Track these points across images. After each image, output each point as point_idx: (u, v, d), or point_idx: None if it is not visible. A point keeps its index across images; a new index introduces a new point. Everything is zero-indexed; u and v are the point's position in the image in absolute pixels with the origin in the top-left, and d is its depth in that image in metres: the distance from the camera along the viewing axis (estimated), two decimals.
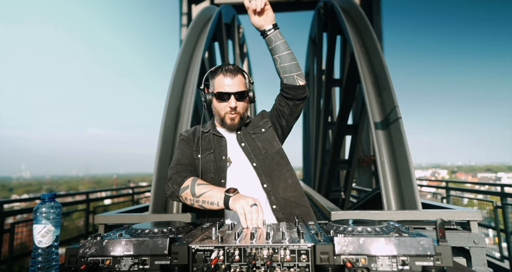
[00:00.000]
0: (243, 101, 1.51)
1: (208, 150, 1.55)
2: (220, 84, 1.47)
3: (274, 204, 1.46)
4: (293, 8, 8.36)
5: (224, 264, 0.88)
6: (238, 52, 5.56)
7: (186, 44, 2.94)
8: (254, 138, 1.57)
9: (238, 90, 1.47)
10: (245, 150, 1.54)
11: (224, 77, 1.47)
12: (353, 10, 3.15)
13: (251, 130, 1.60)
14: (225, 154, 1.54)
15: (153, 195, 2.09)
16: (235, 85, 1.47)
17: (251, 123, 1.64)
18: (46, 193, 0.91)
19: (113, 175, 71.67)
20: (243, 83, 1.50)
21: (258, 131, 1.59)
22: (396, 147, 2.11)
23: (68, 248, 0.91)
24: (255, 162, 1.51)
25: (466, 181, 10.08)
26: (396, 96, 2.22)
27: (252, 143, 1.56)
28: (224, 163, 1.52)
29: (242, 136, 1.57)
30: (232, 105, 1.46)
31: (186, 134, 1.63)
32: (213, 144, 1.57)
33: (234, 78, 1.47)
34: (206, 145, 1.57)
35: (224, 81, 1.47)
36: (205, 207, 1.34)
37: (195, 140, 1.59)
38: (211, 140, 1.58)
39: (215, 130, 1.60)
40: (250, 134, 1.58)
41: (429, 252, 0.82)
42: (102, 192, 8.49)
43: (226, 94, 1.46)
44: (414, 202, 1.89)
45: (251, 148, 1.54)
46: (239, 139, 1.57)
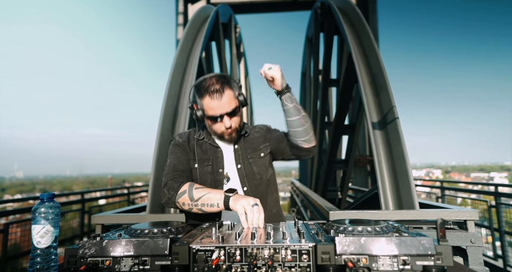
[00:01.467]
0: (237, 116, 1.46)
1: (206, 161, 1.52)
2: (210, 107, 1.40)
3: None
4: (289, 8, 8.36)
5: (225, 264, 0.88)
6: (235, 51, 5.55)
7: (184, 43, 2.93)
8: (251, 163, 1.54)
9: (229, 109, 1.41)
10: (240, 172, 1.52)
11: (212, 99, 1.39)
12: (350, 10, 3.16)
13: (250, 151, 1.56)
14: (222, 167, 1.52)
15: (151, 195, 2.07)
16: (225, 105, 1.40)
17: (251, 140, 1.59)
18: (44, 193, 0.90)
19: (108, 175, 71.24)
20: (232, 98, 1.42)
21: (256, 156, 1.55)
22: (394, 147, 2.12)
23: (67, 248, 0.90)
24: (247, 186, 1.50)
25: (460, 181, 10.18)
26: (394, 96, 2.24)
27: (248, 166, 1.53)
28: (221, 177, 1.51)
29: (240, 155, 1.54)
30: (227, 125, 1.42)
31: (181, 140, 1.58)
32: (210, 154, 1.54)
33: (222, 98, 1.39)
34: (203, 155, 1.54)
35: (213, 103, 1.39)
36: (204, 210, 1.32)
37: (190, 147, 1.55)
38: (208, 150, 1.55)
39: (211, 139, 1.56)
40: (247, 157, 1.54)
41: (430, 251, 0.83)
42: (97, 192, 8.43)
43: (218, 117, 1.41)
44: (411, 201, 1.90)
45: (246, 171, 1.52)
46: (236, 158, 1.54)
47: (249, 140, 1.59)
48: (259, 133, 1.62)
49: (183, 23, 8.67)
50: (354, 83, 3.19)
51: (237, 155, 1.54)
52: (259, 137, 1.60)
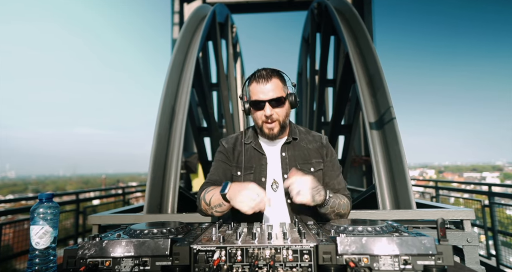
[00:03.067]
0: (280, 107, 1.38)
1: (249, 169, 1.45)
2: (254, 91, 1.37)
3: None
4: (286, 8, 8.37)
5: (226, 264, 0.87)
6: (231, 51, 5.54)
7: (181, 42, 2.91)
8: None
9: (273, 96, 1.35)
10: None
11: (257, 84, 1.36)
12: (347, 11, 3.18)
13: (300, 162, 1.45)
14: (265, 176, 1.43)
15: (148, 195, 2.06)
16: (270, 91, 1.34)
17: (302, 149, 1.48)
18: (43, 193, 0.89)
19: (102, 175, 70.70)
20: (279, 87, 1.37)
21: (306, 169, 1.44)
22: (391, 147, 2.13)
23: (67, 249, 0.89)
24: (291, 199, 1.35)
25: (454, 181, 10.30)
26: (391, 96, 2.25)
27: None
28: (262, 186, 1.41)
29: (288, 164, 1.43)
30: (268, 113, 1.35)
31: (226, 146, 1.52)
32: (254, 162, 1.46)
33: (268, 84, 1.35)
34: (247, 162, 1.46)
35: (257, 88, 1.36)
36: (219, 211, 1.28)
37: (235, 154, 1.49)
38: (252, 157, 1.47)
39: (257, 143, 1.49)
40: (297, 167, 1.42)
41: (430, 251, 0.83)
42: (92, 192, 8.35)
43: (260, 102, 1.36)
44: (408, 201, 1.91)
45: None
46: (283, 166, 1.44)
47: (299, 148, 1.48)
48: (312, 145, 1.50)
49: (179, 22, 8.64)
50: (351, 83, 3.20)
51: (284, 163, 1.44)
52: (312, 149, 1.49)
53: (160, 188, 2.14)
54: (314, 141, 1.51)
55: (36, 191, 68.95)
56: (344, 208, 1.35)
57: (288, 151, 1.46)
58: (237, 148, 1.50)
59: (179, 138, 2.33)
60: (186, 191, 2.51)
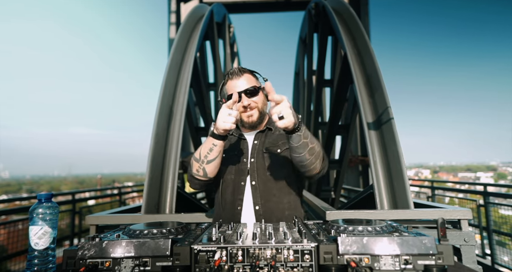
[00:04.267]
0: (256, 96, 1.48)
1: (232, 151, 1.54)
2: (230, 87, 1.48)
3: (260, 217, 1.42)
4: (283, 8, 8.38)
5: (227, 264, 0.87)
6: (228, 51, 5.53)
7: (178, 42, 2.90)
8: (265, 157, 1.51)
9: (247, 86, 1.45)
10: (251, 166, 1.50)
11: (231, 80, 1.48)
12: (345, 11, 3.18)
13: (268, 146, 1.52)
14: (247, 157, 1.51)
15: (146, 195, 2.05)
16: (243, 83, 1.46)
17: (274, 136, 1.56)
18: (42, 193, 0.88)
19: (97, 175, 70.19)
20: (252, 80, 1.49)
21: (272, 151, 1.51)
22: (389, 147, 2.14)
23: (66, 249, 0.89)
24: (255, 181, 1.47)
25: (449, 181, 10.39)
26: (388, 97, 2.26)
27: (261, 161, 1.50)
28: (244, 166, 1.50)
29: (256, 149, 1.53)
30: (245, 103, 1.44)
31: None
32: (236, 147, 1.56)
33: (240, 78, 1.47)
34: (229, 147, 1.56)
35: (231, 83, 1.47)
36: (210, 159, 1.37)
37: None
38: (234, 142, 1.58)
39: (239, 133, 1.59)
40: (262, 151, 1.51)
41: (431, 251, 0.83)
42: (87, 192, 8.29)
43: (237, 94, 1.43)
44: (406, 201, 1.92)
45: (257, 165, 1.50)
46: (252, 151, 1.53)
47: (271, 136, 1.57)
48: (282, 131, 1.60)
49: (175, 22, 8.61)
50: (349, 83, 3.21)
51: (254, 148, 1.54)
52: (282, 134, 1.55)
53: (158, 188, 2.13)
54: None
55: (30, 191, 68.35)
56: (314, 142, 1.36)
57: (260, 139, 1.56)
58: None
59: (177, 138, 2.32)
60: (184, 191, 2.50)
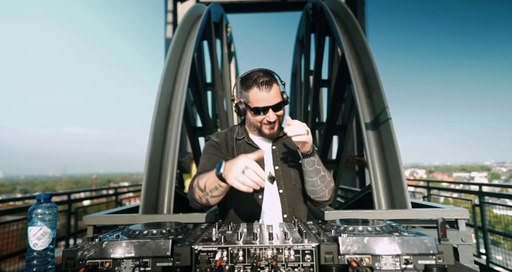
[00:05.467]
0: (281, 110, 1.44)
1: None
2: (256, 98, 1.38)
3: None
4: (280, 9, 8.37)
5: (228, 265, 0.87)
6: (226, 51, 5.52)
7: (176, 42, 2.89)
8: (289, 166, 1.49)
9: (275, 102, 1.39)
10: (277, 174, 1.48)
11: (260, 90, 1.37)
12: (343, 12, 3.19)
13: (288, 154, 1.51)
14: (263, 167, 1.45)
15: (144, 195, 2.04)
16: (272, 98, 1.38)
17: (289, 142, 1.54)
18: (41, 193, 0.87)
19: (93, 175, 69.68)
20: (279, 92, 1.42)
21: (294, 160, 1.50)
22: (386, 147, 2.14)
23: (65, 250, 0.88)
24: (283, 189, 1.46)
25: (444, 181, 10.48)
26: (386, 97, 2.27)
27: (286, 169, 1.49)
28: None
29: (278, 156, 1.50)
30: (272, 119, 1.40)
31: (218, 140, 1.53)
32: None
33: (271, 91, 1.38)
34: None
35: (259, 95, 1.38)
36: (215, 195, 1.24)
37: (228, 149, 1.51)
38: (246, 151, 1.47)
39: (249, 139, 1.53)
40: (287, 159, 1.49)
41: (431, 251, 0.84)
42: (82, 192, 8.23)
43: (264, 108, 1.39)
44: (404, 201, 1.93)
45: (283, 174, 1.48)
46: (274, 158, 1.50)
47: (287, 142, 1.55)
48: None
49: (172, 21, 8.58)
50: (346, 84, 3.21)
51: (275, 156, 1.51)
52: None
53: (155, 188, 2.12)
54: None
55: (24, 191, 67.72)
56: (326, 171, 1.40)
57: (278, 145, 1.54)
58: (229, 143, 1.53)
59: (175, 137, 2.31)
60: (181, 191, 2.50)
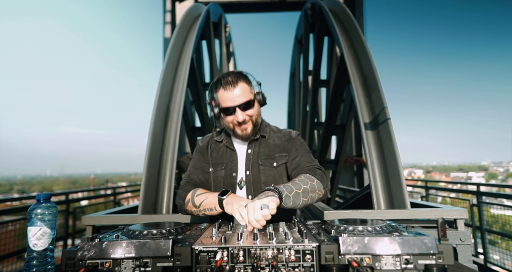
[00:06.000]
0: (251, 109, 1.43)
1: (220, 165, 1.51)
2: (223, 98, 1.40)
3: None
4: (279, 9, 8.37)
5: (228, 265, 0.87)
6: (224, 51, 5.52)
7: (175, 41, 2.88)
8: (261, 170, 1.48)
9: (242, 101, 1.39)
10: (247, 179, 1.48)
11: (225, 90, 1.39)
12: (341, 12, 3.19)
13: (263, 158, 1.50)
14: (236, 171, 1.49)
15: (143, 195, 2.03)
16: (238, 96, 1.38)
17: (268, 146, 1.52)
18: (41, 193, 0.87)
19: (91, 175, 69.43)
20: (247, 90, 1.41)
21: (268, 164, 1.49)
22: (385, 147, 2.15)
23: (65, 250, 0.87)
24: (252, 195, 1.47)
25: (442, 181, 10.50)
26: (385, 97, 2.27)
27: (256, 174, 1.48)
28: (233, 180, 1.48)
29: (251, 161, 1.49)
30: (240, 118, 1.40)
31: (201, 144, 1.59)
32: (225, 158, 1.52)
33: (235, 89, 1.38)
34: (218, 158, 1.53)
35: (225, 95, 1.39)
36: (208, 214, 1.32)
37: (209, 152, 1.54)
38: (224, 153, 1.53)
39: (228, 141, 1.55)
40: (258, 164, 1.49)
41: (432, 250, 0.84)
42: (80, 192, 8.19)
43: (230, 108, 1.40)
44: (402, 201, 1.94)
45: (253, 179, 1.48)
46: (247, 163, 1.50)
47: (266, 145, 1.54)
48: (280, 140, 1.56)
49: (170, 21, 8.56)
50: (345, 84, 3.22)
51: (248, 160, 1.50)
52: (279, 145, 1.54)
53: (155, 188, 2.12)
54: (283, 136, 1.57)
55: (21, 191, 67.48)
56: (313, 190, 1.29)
57: (254, 148, 1.52)
58: (211, 146, 1.57)
59: (174, 137, 2.31)
60: None
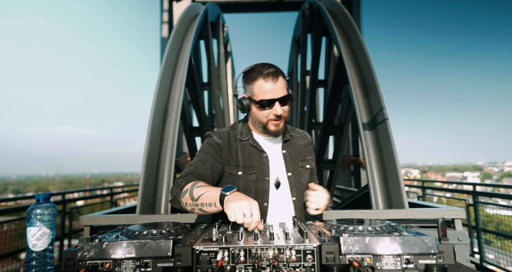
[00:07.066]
0: (287, 105, 1.36)
1: (251, 169, 1.40)
2: (262, 90, 1.31)
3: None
4: (276, 9, 8.37)
5: (229, 265, 0.87)
6: (222, 50, 5.51)
7: (173, 41, 2.87)
8: (301, 172, 1.46)
9: (282, 95, 1.32)
10: (290, 181, 1.43)
11: (265, 81, 1.30)
12: (340, 12, 3.20)
13: (299, 159, 1.48)
14: (268, 175, 1.41)
15: (141, 195, 2.02)
16: (279, 90, 1.31)
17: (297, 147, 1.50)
18: (40, 193, 0.86)
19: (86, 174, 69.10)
20: (285, 85, 1.35)
21: (303, 165, 1.48)
22: (383, 147, 2.16)
23: (65, 251, 0.87)
24: (295, 196, 1.43)
25: (438, 181, 10.59)
26: (383, 97, 2.28)
27: (297, 176, 1.45)
28: (266, 185, 1.39)
29: (290, 162, 1.45)
30: (279, 112, 1.32)
31: (220, 141, 1.42)
32: (255, 160, 1.41)
33: (277, 82, 1.31)
34: (247, 160, 1.41)
35: (265, 86, 1.30)
36: (204, 210, 1.19)
37: (232, 152, 1.41)
38: (252, 155, 1.42)
39: (254, 140, 1.43)
40: (298, 165, 1.46)
41: (432, 250, 0.84)
42: (76, 193, 8.14)
43: (270, 101, 1.31)
44: (401, 201, 1.95)
45: (295, 180, 1.44)
46: (286, 164, 1.45)
47: (295, 146, 1.50)
48: (302, 141, 1.54)
49: (168, 20, 8.54)
50: (343, 84, 3.23)
51: (287, 161, 1.45)
52: (304, 146, 1.54)
53: (153, 188, 2.11)
54: (302, 137, 1.56)
55: (16, 191, 66.95)
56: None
57: (287, 149, 1.48)
58: (233, 145, 1.42)
59: (172, 137, 2.30)
60: None
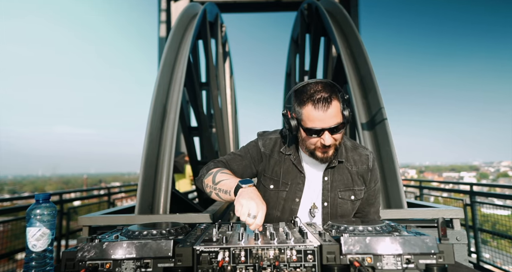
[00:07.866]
0: (340, 133, 1.22)
1: (284, 186, 1.34)
2: (311, 117, 1.18)
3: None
4: (274, 9, 8.37)
5: (230, 265, 0.86)
6: (220, 51, 5.50)
7: (172, 41, 2.87)
8: (338, 204, 1.34)
9: (333, 124, 1.18)
10: (325, 211, 1.33)
11: (315, 109, 1.16)
12: (338, 13, 3.21)
13: (341, 189, 1.34)
14: (300, 197, 1.33)
15: (140, 195, 2.02)
16: (330, 118, 1.17)
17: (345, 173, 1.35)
18: (40, 193, 0.86)
19: (83, 175, 68.79)
20: (339, 111, 1.19)
21: (346, 197, 1.34)
22: (382, 147, 2.17)
23: (65, 251, 0.87)
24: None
25: (435, 180, 10.64)
26: (382, 97, 2.29)
27: (334, 207, 1.33)
28: (296, 206, 1.34)
29: (329, 191, 1.33)
30: (327, 142, 1.19)
31: (263, 149, 1.38)
32: (290, 179, 1.34)
33: (328, 109, 1.16)
34: (283, 177, 1.34)
35: (315, 114, 1.17)
36: (220, 196, 1.22)
37: (270, 163, 1.36)
38: (289, 172, 1.34)
39: (297, 158, 1.35)
40: (338, 196, 1.33)
41: (432, 250, 0.85)
42: (73, 193, 8.10)
43: (319, 130, 1.19)
44: (399, 201, 1.95)
45: (331, 211, 1.33)
46: (325, 193, 1.33)
47: (342, 172, 1.36)
48: (357, 167, 1.37)
49: (165, 20, 8.51)
50: (342, 84, 3.23)
51: (326, 190, 1.34)
52: (356, 174, 1.37)
53: (151, 188, 2.10)
54: (360, 162, 1.38)
55: (12, 192, 66.53)
56: None
57: (331, 175, 1.34)
58: (274, 156, 1.37)
59: (171, 137, 2.30)
60: (177, 191, 2.48)
